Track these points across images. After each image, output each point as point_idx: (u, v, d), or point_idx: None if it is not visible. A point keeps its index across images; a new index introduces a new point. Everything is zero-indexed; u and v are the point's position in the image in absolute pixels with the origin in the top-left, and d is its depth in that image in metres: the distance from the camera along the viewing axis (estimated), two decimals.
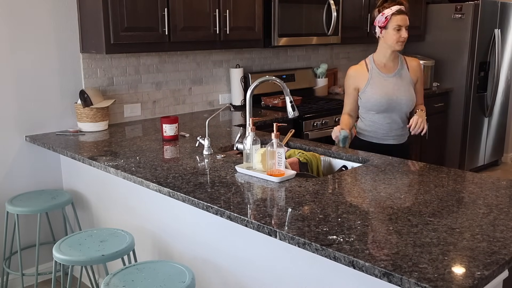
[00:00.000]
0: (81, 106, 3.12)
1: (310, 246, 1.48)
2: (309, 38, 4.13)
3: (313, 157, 2.51)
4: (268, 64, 4.41)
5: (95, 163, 2.46)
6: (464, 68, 5.23)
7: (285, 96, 2.48)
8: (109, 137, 3.02)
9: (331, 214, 1.70)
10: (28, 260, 3.13)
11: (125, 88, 3.49)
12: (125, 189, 2.67)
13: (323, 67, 4.73)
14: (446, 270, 1.29)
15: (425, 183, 2.04)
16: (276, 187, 2.01)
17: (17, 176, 3.11)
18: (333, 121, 3.93)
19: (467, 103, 5.29)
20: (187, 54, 3.80)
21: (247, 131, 2.25)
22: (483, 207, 1.76)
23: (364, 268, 1.35)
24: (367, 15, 4.62)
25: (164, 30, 3.18)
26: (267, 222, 1.65)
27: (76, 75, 3.24)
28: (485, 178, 2.11)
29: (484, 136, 5.62)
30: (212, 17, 3.43)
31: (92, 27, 3.08)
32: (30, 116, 3.10)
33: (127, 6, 3.01)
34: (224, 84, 4.10)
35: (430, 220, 1.63)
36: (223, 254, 2.15)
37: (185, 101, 3.85)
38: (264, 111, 3.92)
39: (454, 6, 5.19)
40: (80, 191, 3.12)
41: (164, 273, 1.97)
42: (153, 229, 2.54)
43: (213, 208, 1.81)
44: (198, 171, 2.24)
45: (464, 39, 5.17)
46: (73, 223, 3.16)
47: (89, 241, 2.28)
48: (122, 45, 3.05)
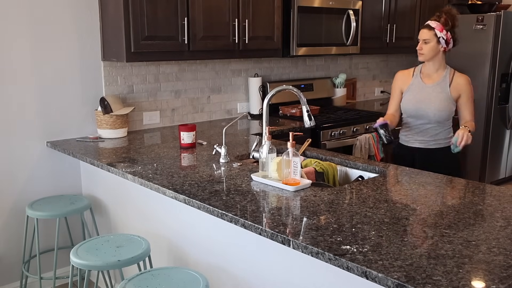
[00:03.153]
0: (101, 113, 3.17)
1: (323, 255, 1.48)
2: (328, 48, 4.14)
3: (329, 167, 2.51)
4: (286, 73, 4.43)
5: (113, 169, 2.49)
6: (485, 79, 5.16)
7: (301, 106, 2.49)
8: (127, 144, 3.06)
9: (346, 224, 1.69)
10: (46, 264, 3.18)
11: (145, 96, 3.54)
12: (142, 196, 2.69)
13: (341, 77, 4.72)
14: (460, 283, 1.28)
15: (442, 195, 2.02)
16: (291, 196, 2.01)
17: (38, 181, 3.16)
18: (351, 131, 3.92)
19: (488, 115, 5.21)
20: (206, 63, 3.83)
21: (263, 140, 2.26)
22: (500, 220, 1.73)
23: (377, 279, 1.34)
24: (386, 26, 4.61)
25: (183, 39, 3.23)
26: (281, 230, 1.65)
27: (97, 82, 3.30)
28: (503, 191, 2.08)
29: (505, 148, 5.52)
30: (231, 26, 3.47)
31: (113, 36, 3.13)
32: (51, 122, 3.16)
33: (148, 16, 3.06)
34: (242, 93, 4.12)
35: (446, 232, 1.61)
36: (237, 262, 2.15)
37: (203, 109, 3.88)
38: (282, 120, 3.93)
39: (475, 17, 5.14)
40: (98, 196, 3.16)
41: (179, 280, 1.98)
42: (169, 236, 2.56)
43: (227, 216, 1.82)
44: (214, 179, 2.26)
45: (485, 50, 5.11)
46: (91, 228, 3.20)
47: (106, 246, 2.31)
48: (143, 53, 3.10)
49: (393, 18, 4.67)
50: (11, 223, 3.10)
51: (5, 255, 3.10)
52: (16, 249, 3.12)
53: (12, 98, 2.99)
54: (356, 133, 3.93)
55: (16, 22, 2.95)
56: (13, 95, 3.00)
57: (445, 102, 2.91)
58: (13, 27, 2.94)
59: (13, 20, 2.94)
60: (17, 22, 2.95)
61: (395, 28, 4.69)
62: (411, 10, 4.87)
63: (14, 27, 2.95)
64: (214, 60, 3.85)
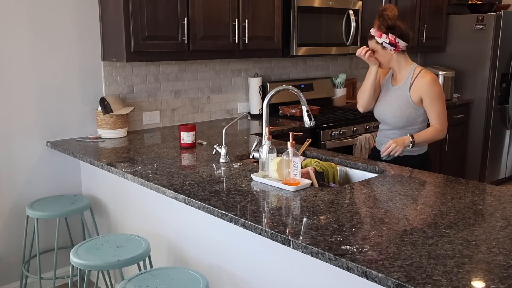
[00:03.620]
0: (101, 113, 3.17)
1: (323, 255, 1.48)
2: (328, 48, 4.14)
3: (329, 167, 2.51)
4: (286, 73, 4.43)
5: (113, 169, 2.49)
6: (485, 79, 5.17)
7: (301, 106, 2.49)
8: (127, 144, 3.06)
9: (345, 224, 1.69)
10: (46, 264, 3.18)
11: (145, 96, 3.54)
12: (142, 196, 2.69)
13: (341, 77, 4.72)
14: (460, 283, 1.28)
15: (442, 195, 2.02)
16: (291, 196, 2.01)
17: (38, 181, 3.16)
18: (351, 131, 3.92)
19: (488, 115, 5.22)
20: (206, 63, 3.83)
21: (263, 140, 2.26)
22: (500, 220, 1.73)
23: (377, 278, 1.34)
24: None
25: (183, 39, 3.23)
26: (281, 230, 1.65)
27: (97, 82, 3.30)
28: (503, 190, 2.08)
29: (505, 148, 5.53)
30: (231, 26, 3.47)
31: (113, 36, 3.13)
32: (51, 122, 3.16)
33: (148, 16, 3.06)
34: (242, 93, 4.12)
35: (446, 232, 1.61)
36: (237, 262, 2.15)
37: (203, 109, 3.88)
38: (282, 120, 3.93)
39: (475, 17, 5.15)
40: (98, 196, 3.16)
41: (179, 280, 1.98)
42: (169, 236, 2.56)
43: (227, 216, 1.82)
44: (214, 179, 2.26)
45: (485, 50, 5.12)
46: (91, 228, 3.20)
47: (106, 246, 2.31)
48: (143, 53, 3.10)
49: None
50: (11, 223, 3.10)
51: (5, 255, 3.10)
52: (16, 249, 3.12)
53: (12, 98, 2.99)
54: (356, 133, 3.93)
55: (16, 22, 2.95)
56: (13, 95, 3.00)
57: (403, 108, 2.69)
58: (13, 27, 2.94)
59: (13, 20, 2.94)
60: (17, 22, 2.95)
61: None
62: (411, 10, 4.87)
63: (14, 27, 2.95)
64: (214, 60, 3.85)
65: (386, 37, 2.63)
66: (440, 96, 2.66)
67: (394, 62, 2.72)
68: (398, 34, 2.63)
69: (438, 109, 2.66)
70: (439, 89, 2.66)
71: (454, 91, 5.29)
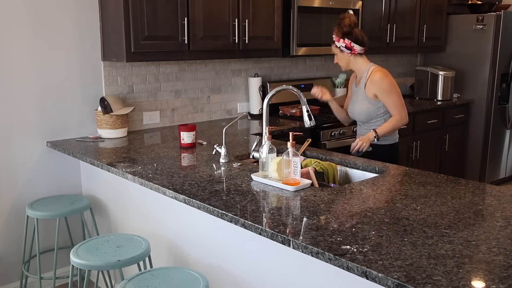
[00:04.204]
0: (101, 113, 3.17)
1: (323, 255, 1.48)
2: (328, 48, 4.07)
3: (329, 167, 2.51)
4: (286, 73, 4.43)
5: (113, 169, 2.49)
6: (485, 79, 5.17)
7: (301, 106, 2.49)
8: (127, 144, 3.06)
9: (345, 224, 1.69)
10: (46, 264, 3.18)
11: (145, 96, 3.54)
12: (142, 196, 2.69)
13: (341, 77, 4.72)
14: (460, 283, 1.28)
15: (442, 195, 2.02)
16: (291, 196, 2.01)
17: (38, 181, 3.16)
18: (351, 131, 3.92)
19: (488, 115, 5.22)
20: (206, 63, 3.83)
21: (263, 140, 2.26)
22: (500, 220, 1.73)
23: (377, 278, 1.34)
24: (386, 26, 4.61)
25: (183, 39, 3.23)
26: (281, 230, 1.65)
27: (97, 82, 3.30)
28: (503, 190, 2.07)
29: (505, 148, 5.53)
30: (231, 26, 3.47)
31: (113, 36, 3.13)
32: (51, 122, 3.16)
33: (148, 16, 3.06)
34: (242, 93, 4.12)
35: (446, 232, 1.61)
36: (237, 262, 2.15)
37: (203, 109, 3.88)
38: (282, 120, 3.93)
39: (475, 17, 5.15)
40: (98, 196, 3.16)
41: (179, 280, 1.98)
42: (169, 236, 2.56)
43: (227, 216, 1.82)
44: (214, 179, 2.26)
45: (485, 50, 5.12)
46: (91, 228, 3.20)
47: (106, 246, 2.31)
48: (143, 53, 3.10)
49: (393, 18, 4.67)
50: (11, 223, 3.10)
51: (5, 255, 3.10)
52: (16, 249, 3.12)
53: (12, 98, 2.99)
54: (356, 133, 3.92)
55: (16, 22, 2.95)
56: (13, 95, 3.00)
57: (363, 104, 3.02)
58: (13, 27, 2.94)
59: (13, 20, 2.94)
60: (17, 22, 2.95)
61: (395, 28, 4.69)
62: (411, 10, 4.87)
63: (14, 27, 2.95)
64: (214, 60, 3.85)
65: (343, 41, 2.97)
66: (391, 88, 2.96)
67: (353, 64, 3.04)
68: (353, 39, 2.94)
69: (393, 100, 2.96)
70: (388, 82, 2.94)
71: (454, 91, 5.29)
